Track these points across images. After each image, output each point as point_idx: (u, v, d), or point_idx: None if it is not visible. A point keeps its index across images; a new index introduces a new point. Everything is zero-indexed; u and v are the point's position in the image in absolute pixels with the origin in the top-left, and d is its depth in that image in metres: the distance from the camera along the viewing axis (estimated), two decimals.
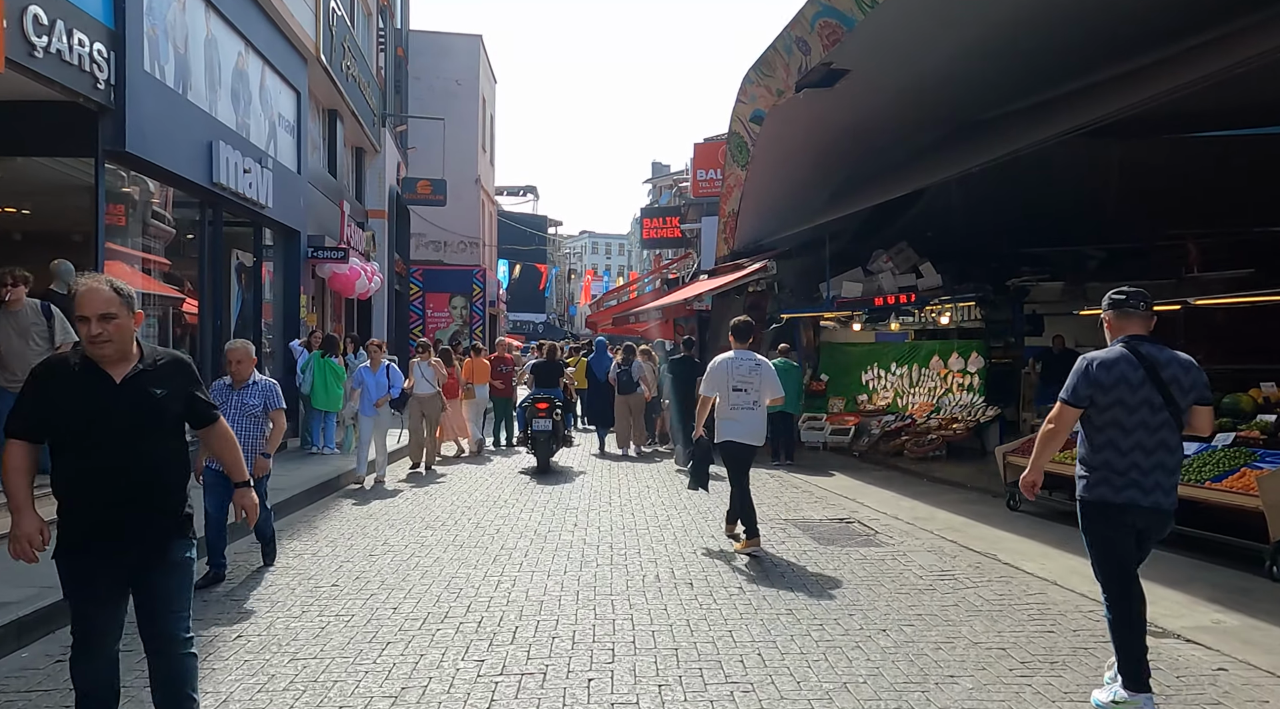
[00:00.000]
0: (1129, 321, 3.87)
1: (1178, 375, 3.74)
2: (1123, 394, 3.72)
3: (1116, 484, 3.73)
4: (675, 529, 7.74)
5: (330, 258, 13.94)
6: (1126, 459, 3.72)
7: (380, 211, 20.28)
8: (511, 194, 55.57)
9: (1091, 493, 3.80)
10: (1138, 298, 3.88)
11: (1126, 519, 3.74)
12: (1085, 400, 3.78)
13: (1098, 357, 3.82)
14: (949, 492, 10.02)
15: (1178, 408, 3.72)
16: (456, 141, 25.79)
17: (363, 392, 10.18)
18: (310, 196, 14.15)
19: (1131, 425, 3.72)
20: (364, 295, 16.85)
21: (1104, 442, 3.77)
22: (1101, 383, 3.74)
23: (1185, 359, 3.80)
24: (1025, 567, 6.37)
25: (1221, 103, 10.73)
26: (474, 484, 10.28)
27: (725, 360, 7.00)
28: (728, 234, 17.66)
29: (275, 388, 5.99)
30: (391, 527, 7.72)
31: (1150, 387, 3.70)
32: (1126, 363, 3.75)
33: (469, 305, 25.53)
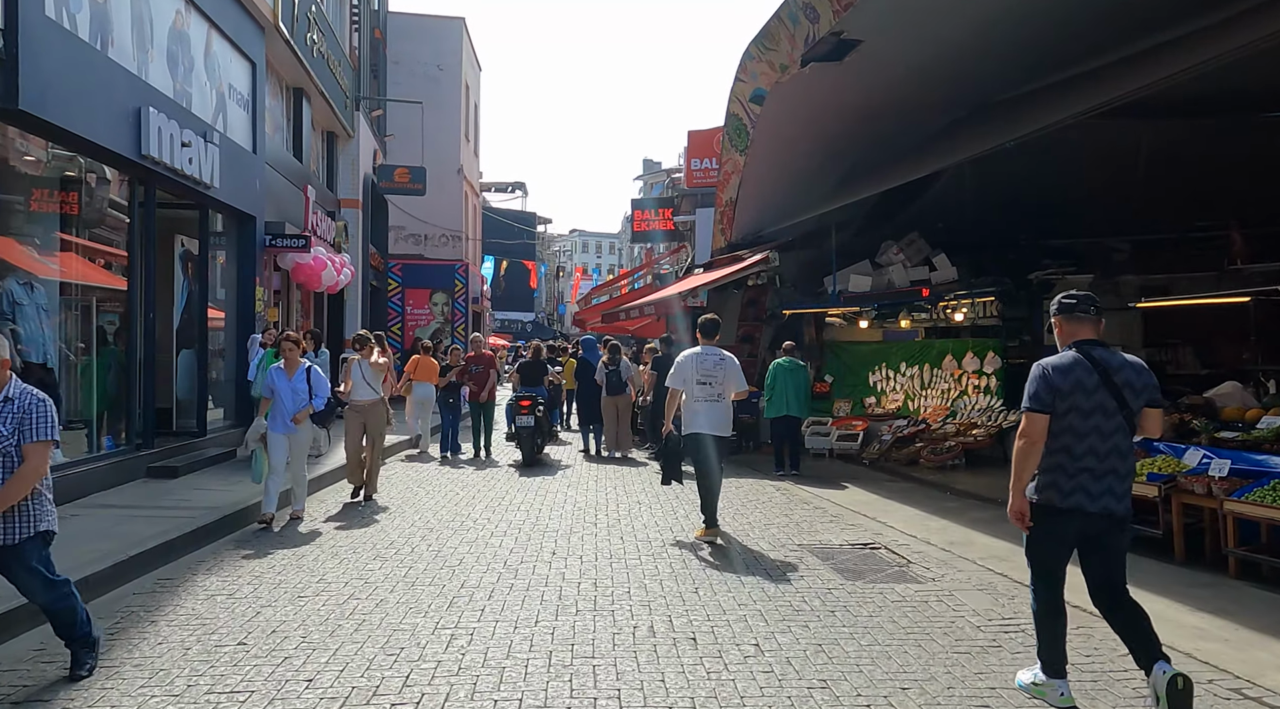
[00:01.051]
0: (1080, 326, 3.83)
1: (1130, 379, 3.71)
2: (1078, 399, 3.68)
3: (1064, 489, 3.71)
4: (671, 559, 6.54)
5: (290, 246, 12.69)
6: (1078, 463, 3.69)
7: (354, 201, 19.02)
8: (500, 190, 54.30)
9: (1041, 496, 3.78)
10: (1088, 302, 3.86)
11: (1072, 524, 3.73)
12: (1050, 406, 3.71)
13: (1051, 362, 3.77)
14: (978, 508, 8.86)
15: (1130, 412, 3.69)
16: (438, 129, 24.55)
17: (274, 402, 7.68)
18: (269, 179, 12.91)
19: (1085, 430, 3.69)
20: (333, 289, 15.60)
21: (1058, 446, 3.73)
22: (1059, 388, 3.69)
23: (1137, 362, 3.78)
24: None
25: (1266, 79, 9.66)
26: (440, 499, 9.07)
27: (691, 355, 7.31)
28: (725, 225, 16.49)
29: (39, 408, 3.92)
30: (334, 556, 6.50)
31: (1104, 391, 3.67)
32: (1081, 367, 3.71)
33: (451, 302, 24.28)
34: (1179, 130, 12.30)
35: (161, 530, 6.64)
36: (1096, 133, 12.44)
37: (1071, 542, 3.81)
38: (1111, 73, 9.69)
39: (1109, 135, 12.52)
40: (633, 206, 23.55)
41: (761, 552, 6.77)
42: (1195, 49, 7.98)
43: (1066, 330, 3.87)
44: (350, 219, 18.77)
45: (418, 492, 9.57)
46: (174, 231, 10.98)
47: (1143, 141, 12.80)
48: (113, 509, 7.47)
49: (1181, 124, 12.14)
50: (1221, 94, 10.98)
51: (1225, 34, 7.60)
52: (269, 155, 13.01)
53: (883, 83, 12.58)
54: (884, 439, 13.03)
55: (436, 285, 24.31)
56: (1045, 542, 3.85)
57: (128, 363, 9.08)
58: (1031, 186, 14.01)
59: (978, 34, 10.53)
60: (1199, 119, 11.84)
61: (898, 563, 6.50)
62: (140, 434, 9.21)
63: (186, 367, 11.04)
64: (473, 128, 27.56)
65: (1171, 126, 12.23)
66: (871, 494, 9.80)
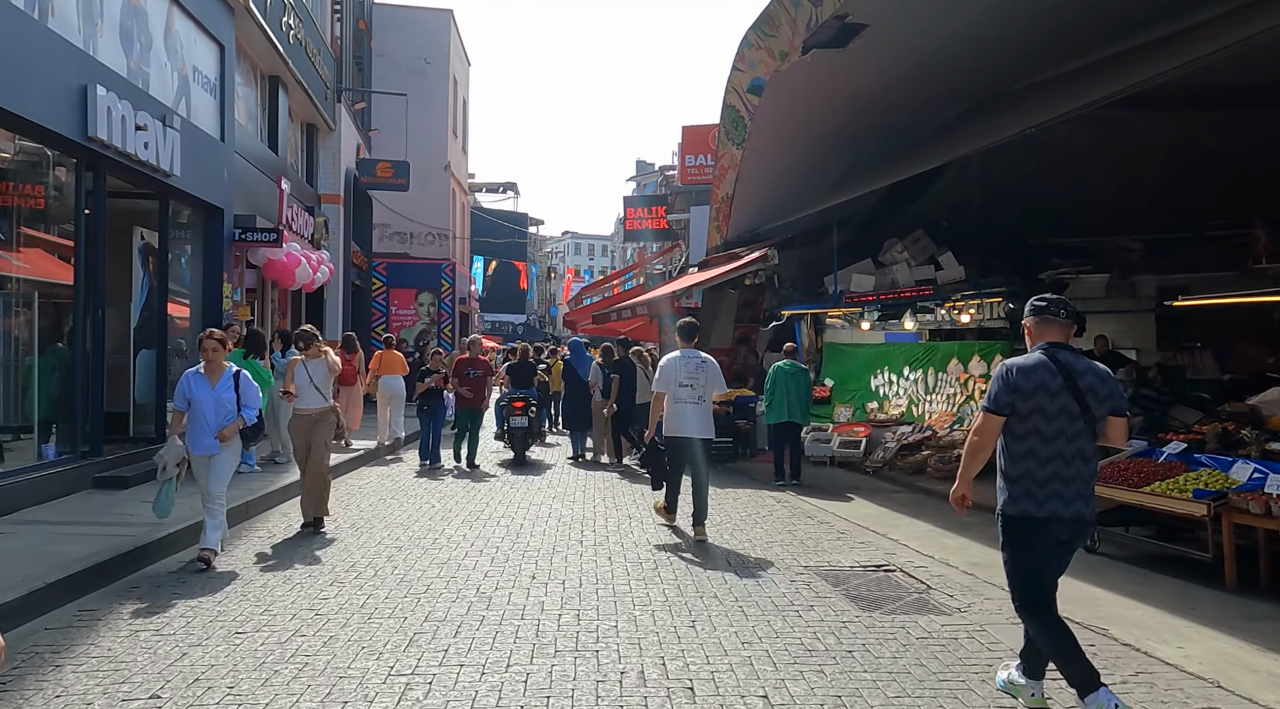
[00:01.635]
0: (1049, 329, 3.80)
1: (1094, 385, 3.66)
2: (1042, 402, 3.64)
3: (1039, 497, 3.65)
4: (665, 585, 5.85)
5: (261, 241, 11.96)
6: (1047, 469, 3.64)
7: (335, 196, 18.30)
8: (491, 191, 53.58)
9: (1014, 507, 3.71)
10: (1059, 305, 3.83)
11: (1050, 532, 3.66)
12: (1008, 408, 3.69)
13: (1016, 363, 3.74)
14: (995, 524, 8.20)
15: (1093, 417, 3.65)
16: (424, 124, 23.85)
17: (192, 415, 6.21)
18: (240, 170, 12.20)
19: (1051, 434, 3.65)
20: (309, 287, 14.88)
21: (1024, 451, 3.68)
22: (1022, 389, 3.66)
23: (1102, 369, 3.74)
24: (1159, 653, 4.54)
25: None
26: (414, 512, 8.37)
27: (673, 358, 7.48)
28: (720, 222, 15.83)
29: None
30: (286, 581, 5.79)
31: (1068, 394, 3.63)
32: (1045, 370, 3.67)
33: (437, 303, 23.56)
34: (1198, 123, 11.70)
35: (93, 551, 5.92)
36: (1111, 126, 11.85)
37: (1055, 548, 3.72)
38: (1132, 59, 9.05)
39: (1124, 128, 11.92)
40: (625, 205, 22.83)
41: (765, 575, 6.09)
42: (1217, 35, 7.37)
43: (1036, 333, 3.84)
44: (331, 215, 18.06)
45: (390, 503, 8.86)
46: (133, 223, 10.26)
47: (1159, 135, 12.21)
48: (45, 525, 6.75)
49: (1200, 116, 11.54)
50: (1244, 84, 10.38)
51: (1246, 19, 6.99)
52: (240, 145, 12.30)
53: (889, 71, 11.95)
54: (888, 446, 12.37)
55: (423, 285, 23.61)
56: (1029, 554, 3.74)
57: (73, 363, 8.35)
58: (1040, 183, 13.41)
59: (993, 16, 9.90)
60: (1220, 111, 11.24)
61: (917, 589, 5.83)
62: (87, 441, 8.48)
63: (146, 368, 10.31)
64: (461, 124, 26.86)
65: (1190, 119, 11.64)
66: (879, 507, 9.13)
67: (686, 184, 20.73)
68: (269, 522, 7.80)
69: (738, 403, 13.78)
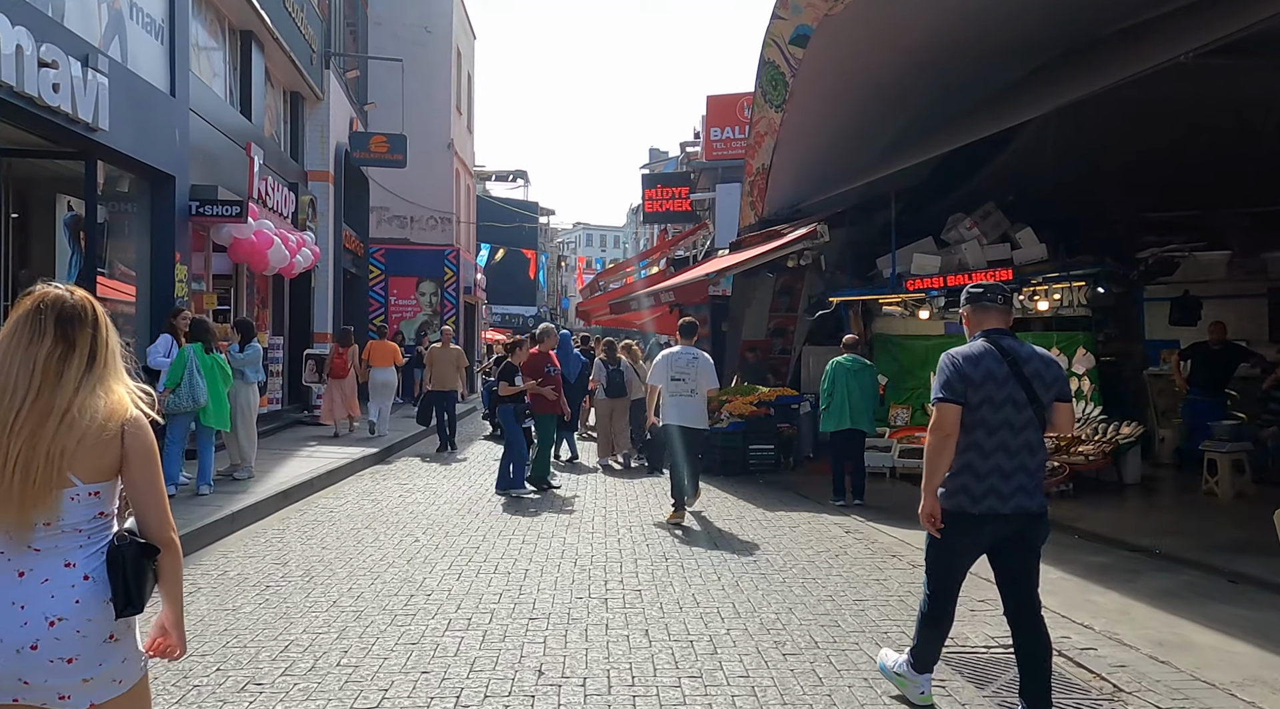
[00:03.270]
0: (987, 315, 3.68)
1: (1040, 370, 3.54)
2: (990, 391, 3.48)
3: (975, 493, 3.50)
4: (732, 681, 4.00)
5: (221, 216, 10.17)
6: (989, 462, 3.49)
7: (324, 173, 16.51)
8: (500, 179, 51.75)
9: (949, 501, 3.54)
10: (995, 291, 3.74)
11: (984, 530, 3.54)
12: (963, 395, 3.47)
13: (961, 352, 3.58)
14: (1144, 566, 6.35)
15: (1040, 405, 3.51)
16: (425, 98, 22.02)
17: None
18: (200, 134, 10.43)
19: (996, 424, 3.49)
20: (287, 271, 13.09)
21: (968, 443, 3.51)
22: (971, 378, 3.48)
23: (1045, 354, 3.64)
24: None
25: None
26: (389, 546, 6.57)
27: (668, 354, 8.04)
28: (755, 197, 13.94)
29: None
30: (162, 689, 3.98)
31: (1014, 383, 3.49)
32: (991, 357, 3.52)
33: (440, 292, 21.79)
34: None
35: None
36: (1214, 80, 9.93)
37: (981, 548, 3.63)
38: None
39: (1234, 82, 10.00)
40: (643, 184, 20.93)
41: (872, 663, 4.24)
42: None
43: (974, 320, 3.72)
44: (320, 194, 16.27)
45: (363, 536, 7.06)
46: (58, 191, 8.49)
47: None
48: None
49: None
50: None
51: None
52: (201, 106, 10.53)
53: (956, 13, 10.06)
54: None
55: (424, 273, 21.84)
56: (951, 549, 3.63)
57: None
58: (1126, 149, 11.50)
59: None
60: None
61: (1100, 690, 3.97)
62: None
63: None
64: (465, 101, 25.03)
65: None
66: None
67: (712, 160, 18.86)
68: (197, 567, 6.01)
69: (779, 404, 11.93)
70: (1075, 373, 11.43)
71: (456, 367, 12.85)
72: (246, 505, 7.72)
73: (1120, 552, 6.85)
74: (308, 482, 9.24)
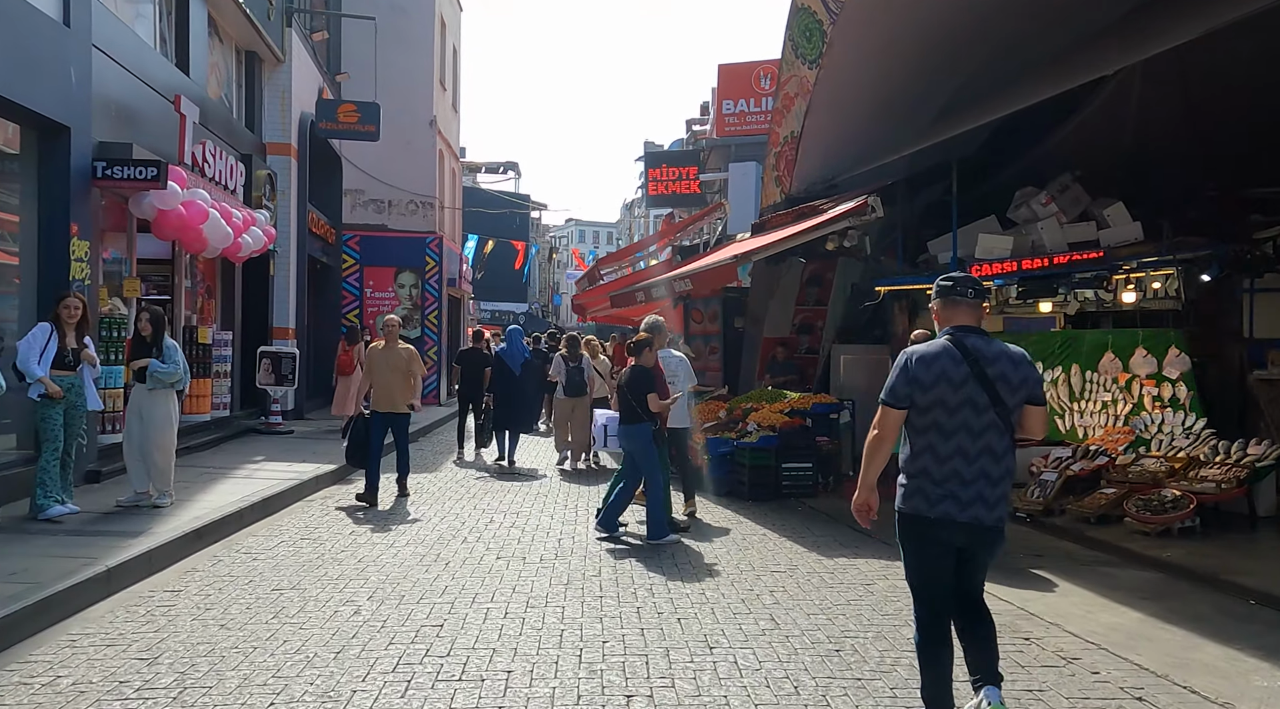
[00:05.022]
0: (956, 311, 3.48)
1: (1005, 372, 3.36)
2: (943, 393, 3.33)
3: (932, 496, 3.35)
4: None
5: (134, 179, 8.19)
6: (946, 467, 3.34)
7: (285, 145, 14.52)
8: (491, 171, 49.76)
9: (906, 504, 3.42)
10: (965, 284, 3.52)
11: (942, 535, 3.37)
12: (906, 400, 3.37)
13: (917, 351, 3.44)
14: None
15: (1005, 408, 3.33)
16: (405, 70, 20.02)
17: None
18: (107, 79, 8.45)
19: (952, 428, 3.33)
20: (234, 254, 11.11)
21: (923, 446, 3.38)
22: (920, 380, 3.35)
23: (1016, 353, 3.44)
24: None
25: None
26: (310, 617, 4.64)
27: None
28: (783, 171, 12.02)
29: None
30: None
31: (974, 384, 3.32)
32: (948, 357, 3.36)
33: (421, 284, 19.78)
34: None
35: None
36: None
37: (951, 549, 3.40)
38: None
39: None
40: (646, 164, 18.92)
41: None
42: None
43: (943, 316, 3.52)
44: (280, 170, 14.29)
45: (286, 600, 5.11)
46: None
47: None
48: None
49: None
50: None
51: None
52: (110, 43, 8.55)
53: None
54: (1044, 480, 8.61)
55: (403, 263, 19.83)
56: (921, 554, 3.44)
57: None
58: (1225, 114, 9.67)
59: None
60: None
61: None
62: None
63: None
64: (451, 76, 23.01)
65: None
66: (1109, 603, 5.38)
67: (724, 136, 16.98)
68: (15, 670, 4.05)
69: (815, 413, 10.01)
70: (1167, 377, 9.55)
71: (405, 374, 8.49)
72: (137, 553, 5.78)
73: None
74: (236, 513, 7.28)
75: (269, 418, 12.92)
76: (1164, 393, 9.56)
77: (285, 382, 12.91)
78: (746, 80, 17.23)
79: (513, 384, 11.15)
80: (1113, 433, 9.41)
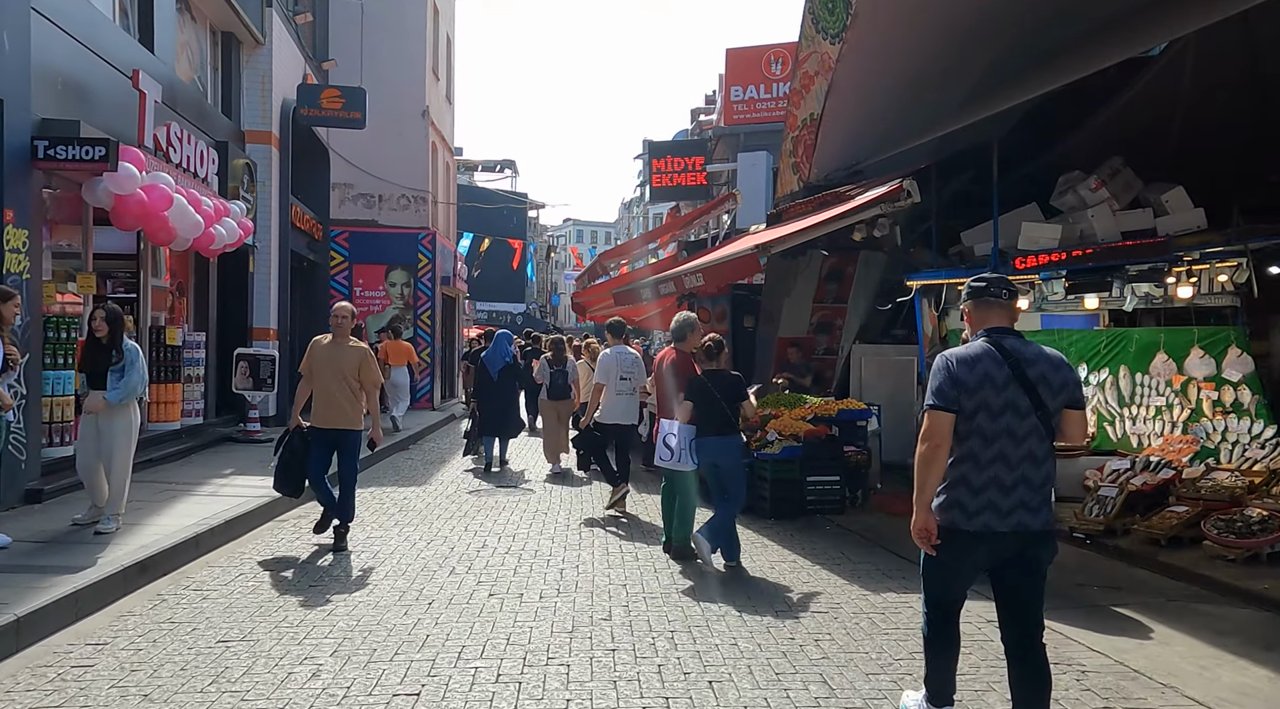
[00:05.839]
0: (990, 312, 3.39)
1: (1046, 374, 3.24)
2: (987, 396, 3.21)
3: (970, 508, 3.21)
4: None
5: (80, 160, 7.28)
6: (985, 473, 3.21)
7: (265, 134, 13.60)
8: (488, 169, 48.87)
9: (942, 516, 3.27)
10: (999, 285, 3.43)
11: (980, 549, 3.25)
12: (955, 403, 3.21)
13: (957, 353, 3.31)
14: None
15: (1047, 412, 3.21)
16: (396, 58, 19.11)
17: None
18: (53, 48, 7.53)
19: (994, 433, 3.21)
20: (206, 247, 10.20)
21: (964, 453, 3.25)
22: (965, 383, 3.22)
23: (1055, 356, 3.31)
24: None
25: None
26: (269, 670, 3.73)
27: (613, 354, 8.49)
28: (801, 157, 11.12)
29: None
30: None
31: (1016, 387, 3.21)
32: (990, 359, 3.25)
33: (413, 282, 18.86)
34: None
35: None
36: None
37: (979, 567, 3.33)
38: None
39: None
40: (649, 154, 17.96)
41: None
42: None
43: (976, 318, 3.43)
44: (260, 159, 13.36)
45: (231, 656, 4.20)
46: None
47: None
48: None
49: None
50: None
51: None
52: (54, 8, 7.62)
53: None
54: (1103, 496, 7.70)
55: (394, 260, 18.92)
56: (947, 568, 3.35)
57: None
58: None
59: None
60: None
61: None
62: None
63: None
64: (445, 66, 22.08)
65: None
66: (1229, 659, 4.47)
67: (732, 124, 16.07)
68: None
69: (841, 420, 9.11)
70: (1228, 379, 8.70)
71: (348, 380, 6.50)
72: (61, 595, 4.86)
73: None
74: (193, 539, 6.37)
75: (246, 425, 12.02)
76: (1225, 397, 8.68)
77: (264, 386, 11.98)
78: (756, 65, 16.32)
79: (492, 389, 10.98)
80: (1173, 441, 8.53)
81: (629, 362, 8.47)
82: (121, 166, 7.75)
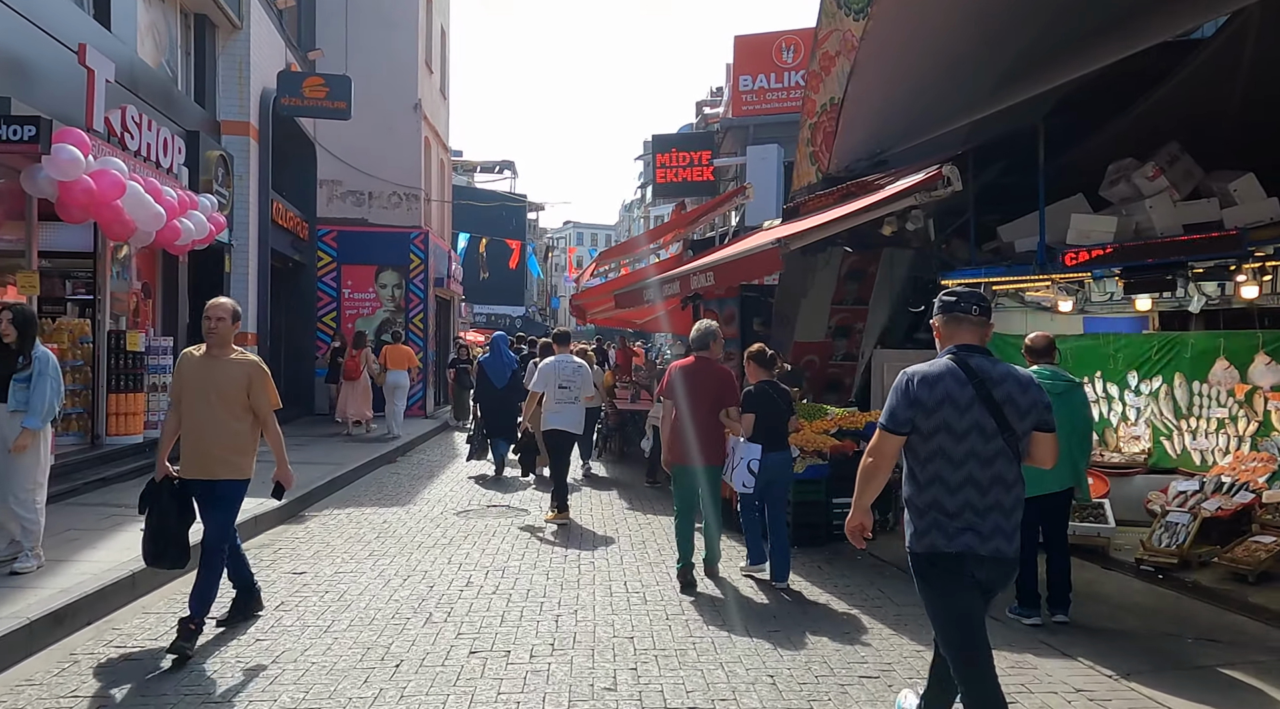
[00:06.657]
0: (960, 329, 3.23)
1: (1013, 394, 3.12)
2: (948, 417, 3.09)
3: (949, 530, 3.08)
4: None
5: (7, 142, 6.40)
6: (958, 498, 3.08)
7: (242, 124, 12.73)
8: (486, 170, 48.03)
9: (920, 543, 3.13)
10: (971, 300, 3.25)
11: (965, 569, 3.08)
12: (907, 425, 3.12)
13: (919, 371, 3.17)
14: None
15: (1014, 434, 3.10)
16: (387, 48, 18.24)
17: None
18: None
19: (960, 456, 3.09)
20: (171, 243, 9.31)
21: (930, 477, 3.12)
22: (923, 403, 3.11)
23: (1024, 375, 3.19)
24: None
25: None
26: None
27: (553, 362, 8.49)
28: (819, 145, 10.21)
29: None
30: None
31: (980, 408, 3.09)
32: (952, 378, 3.12)
33: (404, 284, 17.96)
34: None
35: None
36: None
37: (973, 585, 3.09)
38: None
39: None
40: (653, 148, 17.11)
41: None
42: None
43: (945, 334, 3.29)
44: (237, 151, 12.49)
45: None
46: None
47: None
48: None
49: None
50: None
51: None
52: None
53: None
54: (1172, 522, 6.79)
55: (385, 261, 18.01)
56: (948, 594, 3.11)
57: None
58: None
59: None
60: None
61: None
62: None
63: None
64: (439, 59, 21.19)
65: None
66: None
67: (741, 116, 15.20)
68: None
69: (870, 433, 8.18)
70: (1260, 386, 7.88)
71: (230, 408, 4.61)
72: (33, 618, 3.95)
73: None
74: (127, 579, 5.47)
75: None
76: (1257, 406, 7.85)
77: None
78: (766, 53, 15.46)
79: (498, 397, 10.64)
80: (1245, 459, 7.63)
81: (569, 370, 8.46)
82: (63, 149, 6.88)
